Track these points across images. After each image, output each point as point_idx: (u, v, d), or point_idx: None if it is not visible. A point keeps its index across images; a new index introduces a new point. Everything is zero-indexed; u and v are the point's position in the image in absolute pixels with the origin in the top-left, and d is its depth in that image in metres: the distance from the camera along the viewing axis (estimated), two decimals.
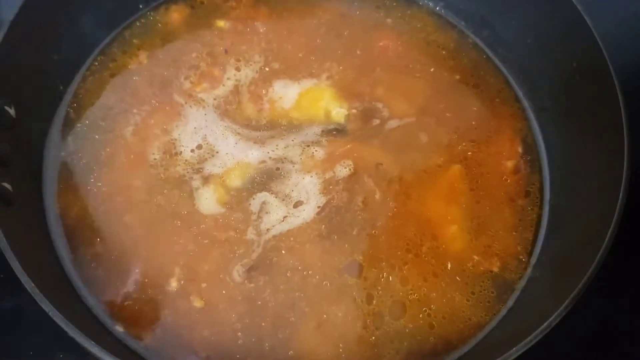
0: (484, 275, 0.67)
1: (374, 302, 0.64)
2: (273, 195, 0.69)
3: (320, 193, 0.69)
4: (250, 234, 0.67)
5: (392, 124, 0.75)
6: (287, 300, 0.64)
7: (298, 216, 0.68)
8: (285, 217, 0.68)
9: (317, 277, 0.65)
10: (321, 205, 0.69)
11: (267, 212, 0.68)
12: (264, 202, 0.68)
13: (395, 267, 0.66)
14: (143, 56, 0.78)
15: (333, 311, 0.64)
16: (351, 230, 0.68)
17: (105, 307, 0.63)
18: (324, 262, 0.66)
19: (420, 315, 0.64)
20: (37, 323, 0.54)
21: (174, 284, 0.64)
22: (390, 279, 0.66)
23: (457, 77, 0.81)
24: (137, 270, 0.65)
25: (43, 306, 0.52)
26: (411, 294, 0.65)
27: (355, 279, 0.65)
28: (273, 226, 0.67)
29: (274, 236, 0.67)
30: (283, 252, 0.66)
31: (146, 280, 0.64)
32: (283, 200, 0.69)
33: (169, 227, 0.67)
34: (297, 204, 0.69)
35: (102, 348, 0.51)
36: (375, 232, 0.68)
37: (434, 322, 0.64)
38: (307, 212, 0.68)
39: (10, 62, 0.63)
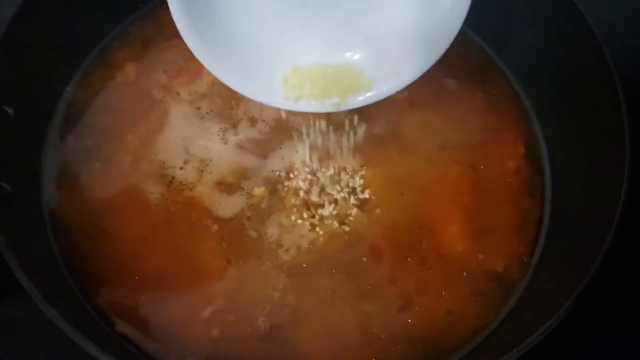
0: (487, 274, 0.67)
1: (398, 283, 0.65)
2: (285, 214, 0.68)
3: (335, 192, 0.70)
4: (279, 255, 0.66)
5: (392, 124, 0.75)
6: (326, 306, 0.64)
7: (325, 220, 0.68)
8: (312, 224, 0.68)
9: (344, 272, 0.65)
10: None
11: (287, 233, 0.67)
12: (279, 225, 0.68)
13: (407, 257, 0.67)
14: (143, 54, 0.78)
15: (368, 304, 0.64)
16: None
17: (105, 308, 0.63)
18: (349, 256, 0.66)
19: (439, 298, 0.65)
20: (37, 324, 0.54)
21: (178, 288, 0.64)
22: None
23: (458, 77, 0.80)
24: (138, 271, 0.64)
25: (42, 307, 0.51)
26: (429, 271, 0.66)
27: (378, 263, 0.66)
28: (300, 244, 0.67)
29: (305, 251, 0.66)
30: (311, 263, 0.66)
31: (147, 281, 0.64)
32: (302, 210, 0.68)
33: (172, 232, 0.67)
34: (319, 207, 0.69)
35: (102, 348, 0.50)
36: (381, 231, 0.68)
37: (451, 309, 0.65)
38: (329, 211, 0.68)
39: (9, 62, 0.63)
